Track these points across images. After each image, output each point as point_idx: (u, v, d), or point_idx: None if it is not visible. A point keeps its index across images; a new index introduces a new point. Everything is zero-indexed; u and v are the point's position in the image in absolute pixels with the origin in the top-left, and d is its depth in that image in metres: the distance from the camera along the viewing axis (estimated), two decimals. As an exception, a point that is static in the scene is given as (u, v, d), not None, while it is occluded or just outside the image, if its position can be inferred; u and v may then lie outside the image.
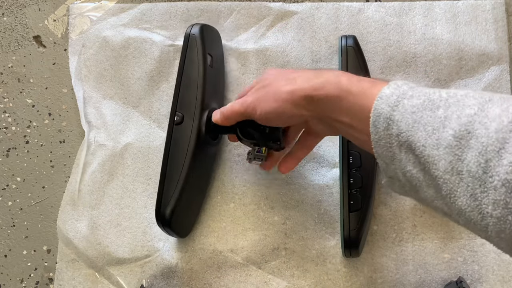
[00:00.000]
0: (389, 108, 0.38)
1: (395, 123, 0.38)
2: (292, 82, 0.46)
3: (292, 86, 0.46)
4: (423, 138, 0.36)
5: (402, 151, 0.38)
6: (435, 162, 0.35)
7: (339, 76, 0.44)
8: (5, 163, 0.65)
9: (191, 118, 0.56)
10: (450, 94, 0.37)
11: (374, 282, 0.60)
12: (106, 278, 0.61)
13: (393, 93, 0.39)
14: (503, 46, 0.64)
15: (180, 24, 0.66)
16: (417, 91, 0.38)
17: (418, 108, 0.37)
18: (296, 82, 0.46)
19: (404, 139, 0.37)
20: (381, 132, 0.39)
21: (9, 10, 0.68)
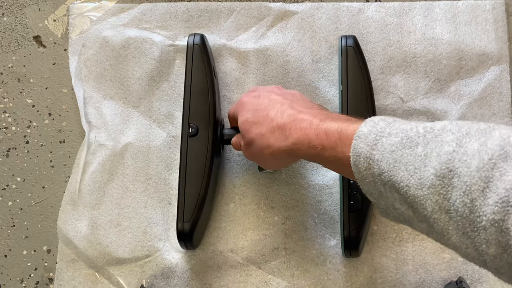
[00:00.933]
0: (368, 147, 0.38)
1: (375, 163, 0.38)
2: (268, 143, 0.48)
3: (270, 149, 0.48)
4: (406, 178, 0.36)
5: (387, 189, 0.38)
6: (422, 202, 0.35)
7: (308, 134, 0.44)
8: (5, 163, 0.65)
9: (206, 129, 0.56)
10: (427, 129, 0.37)
11: (374, 282, 0.60)
12: (106, 278, 0.61)
13: (371, 131, 0.39)
14: (503, 46, 0.64)
15: (180, 24, 0.66)
16: (395, 128, 0.38)
17: (397, 146, 0.37)
18: (270, 142, 0.48)
19: (386, 179, 0.37)
20: (363, 171, 0.39)
21: (9, 10, 0.68)
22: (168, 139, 0.64)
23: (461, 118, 0.63)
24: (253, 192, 0.62)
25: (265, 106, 0.50)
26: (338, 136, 0.42)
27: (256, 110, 0.50)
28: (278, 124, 0.47)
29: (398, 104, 0.64)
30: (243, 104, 0.53)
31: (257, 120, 0.50)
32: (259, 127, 0.49)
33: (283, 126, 0.47)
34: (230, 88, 0.65)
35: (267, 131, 0.48)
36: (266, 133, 0.48)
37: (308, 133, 0.44)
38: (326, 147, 0.43)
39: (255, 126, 0.50)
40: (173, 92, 0.65)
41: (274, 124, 0.48)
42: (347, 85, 0.57)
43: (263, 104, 0.50)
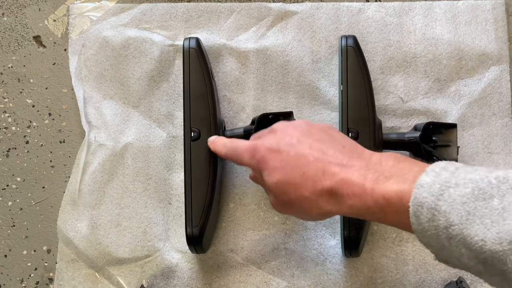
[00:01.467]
0: (433, 197, 0.35)
1: (442, 214, 0.35)
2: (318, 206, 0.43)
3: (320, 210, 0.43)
4: (481, 232, 0.33)
5: (454, 243, 0.35)
6: (501, 258, 0.32)
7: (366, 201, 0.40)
8: (5, 163, 0.65)
9: (208, 133, 0.56)
10: (500, 179, 0.34)
11: (374, 282, 0.60)
12: (106, 278, 0.61)
13: (434, 181, 0.36)
14: (503, 46, 0.64)
15: (180, 24, 0.66)
16: (461, 177, 0.36)
17: (469, 198, 0.34)
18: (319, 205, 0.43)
19: (455, 232, 0.34)
20: (425, 223, 0.36)
21: (9, 10, 0.68)
22: (168, 139, 0.64)
23: (461, 118, 0.63)
24: (253, 192, 0.62)
25: (296, 162, 0.44)
26: (399, 201, 0.38)
27: (286, 167, 0.44)
28: (324, 188, 0.42)
29: (398, 104, 0.64)
30: (265, 160, 0.46)
31: (293, 180, 0.43)
32: (299, 189, 0.43)
33: (331, 190, 0.42)
34: (230, 88, 0.65)
35: (312, 194, 0.43)
36: (311, 196, 0.43)
37: (365, 199, 0.40)
38: (388, 212, 0.39)
39: (293, 187, 0.43)
40: (173, 92, 0.65)
41: (319, 188, 0.42)
42: (347, 85, 0.57)
43: (291, 159, 0.44)
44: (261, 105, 0.64)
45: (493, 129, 0.62)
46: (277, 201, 0.46)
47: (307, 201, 0.43)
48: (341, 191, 0.41)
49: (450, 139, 0.57)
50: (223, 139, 0.54)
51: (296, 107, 0.64)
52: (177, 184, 0.63)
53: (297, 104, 0.64)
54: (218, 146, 0.54)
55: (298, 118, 0.63)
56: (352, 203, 0.40)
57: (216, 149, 0.54)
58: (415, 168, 0.38)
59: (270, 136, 0.47)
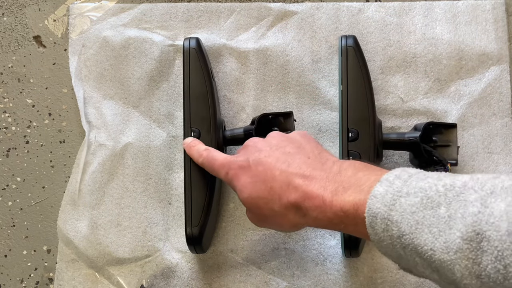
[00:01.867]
0: (385, 207, 0.36)
1: (394, 224, 0.35)
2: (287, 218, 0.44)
3: (289, 222, 0.44)
4: (430, 241, 0.33)
5: (408, 253, 0.35)
6: (449, 267, 0.33)
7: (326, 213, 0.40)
8: (5, 163, 0.65)
9: (208, 133, 0.56)
10: (447, 187, 0.34)
11: (374, 282, 0.60)
12: (106, 278, 0.61)
13: (387, 191, 0.36)
14: (503, 46, 0.64)
15: (181, 24, 0.66)
16: (412, 186, 0.36)
17: (418, 207, 0.34)
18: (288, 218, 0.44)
19: (407, 242, 0.35)
20: (380, 233, 0.36)
21: (9, 10, 0.68)
22: (168, 139, 0.64)
23: (461, 118, 0.62)
24: (253, 192, 0.62)
25: (264, 177, 0.44)
26: (355, 212, 0.38)
27: (255, 182, 0.45)
28: (290, 202, 0.42)
29: (398, 104, 0.64)
30: (237, 177, 0.46)
31: (262, 195, 0.44)
32: (269, 204, 0.44)
33: (295, 204, 0.42)
34: (230, 88, 0.65)
35: (281, 208, 0.43)
36: (280, 210, 0.43)
37: (325, 212, 0.40)
38: (347, 224, 0.40)
39: (263, 202, 0.44)
40: (173, 92, 0.65)
41: (285, 201, 0.43)
42: (347, 85, 0.57)
43: (259, 174, 0.44)
44: (261, 105, 0.64)
45: (493, 129, 0.62)
46: (252, 216, 0.48)
47: (278, 215, 0.44)
48: (304, 204, 0.41)
49: (450, 139, 0.57)
50: (200, 146, 0.53)
51: (296, 107, 0.64)
52: (177, 184, 0.63)
53: (297, 104, 0.64)
54: (193, 153, 0.54)
55: (298, 118, 0.63)
56: (315, 215, 0.41)
57: (191, 155, 0.54)
58: (372, 177, 0.39)
59: (242, 152, 0.48)
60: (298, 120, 0.63)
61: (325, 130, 0.63)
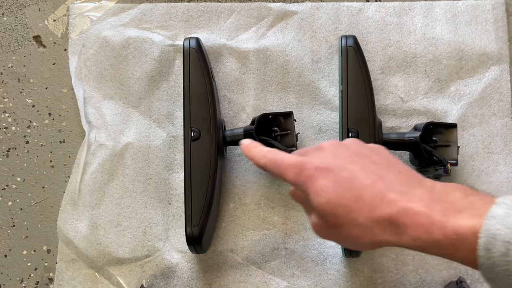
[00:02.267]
0: (507, 229, 0.33)
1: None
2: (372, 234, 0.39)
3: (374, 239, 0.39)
4: None
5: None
6: None
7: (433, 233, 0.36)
8: (5, 163, 0.65)
9: (208, 133, 0.56)
10: None
11: (374, 282, 0.60)
12: (106, 278, 0.61)
13: (508, 213, 0.33)
14: (503, 46, 0.64)
15: (180, 24, 0.66)
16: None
17: None
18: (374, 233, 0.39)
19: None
20: (496, 257, 0.33)
21: (9, 10, 0.68)
22: (168, 139, 0.64)
23: (461, 118, 0.62)
24: (253, 192, 0.62)
25: (350, 184, 0.40)
26: (473, 236, 0.35)
27: (338, 187, 0.40)
28: (383, 215, 0.38)
29: (398, 104, 0.64)
30: (314, 178, 0.41)
31: (346, 203, 0.39)
32: (351, 213, 0.39)
33: (390, 219, 0.38)
34: (230, 88, 0.65)
35: (368, 221, 0.39)
36: (365, 222, 0.39)
37: (432, 232, 0.36)
38: (460, 248, 0.36)
39: (344, 210, 0.39)
40: (173, 92, 0.65)
41: (376, 214, 0.38)
42: (347, 85, 0.57)
43: (344, 180, 0.40)
44: (261, 105, 0.64)
45: (493, 129, 0.62)
46: (322, 224, 0.42)
47: (359, 227, 0.39)
48: (403, 221, 0.37)
49: (450, 139, 0.57)
50: (262, 148, 0.48)
51: (296, 107, 0.64)
52: (177, 184, 0.63)
53: (297, 104, 0.64)
54: (255, 155, 0.48)
55: (298, 118, 0.63)
56: (416, 234, 0.37)
57: (252, 157, 0.48)
58: (487, 200, 0.36)
59: (319, 153, 0.44)
60: (298, 120, 0.63)
61: (325, 130, 0.63)
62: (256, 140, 0.56)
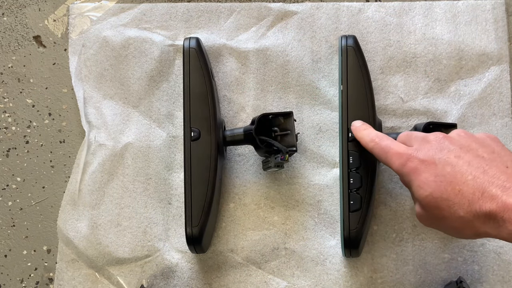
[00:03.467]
0: None
1: None
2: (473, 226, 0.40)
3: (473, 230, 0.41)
4: None
5: None
6: None
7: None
8: (5, 163, 0.65)
9: (208, 133, 0.56)
10: None
11: (374, 282, 0.60)
12: (106, 278, 0.61)
13: None
14: (503, 46, 0.64)
15: (181, 24, 0.66)
16: None
17: None
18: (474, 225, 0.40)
19: None
20: None
21: (9, 10, 0.68)
22: (168, 139, 0.64)
23: (461, 118, 0.63)
24: (253, 192, 0.62)
25: (451, 178, 0.41)
26: None
27: (440, 182, 0.42)
28: (482, 210, 0.39)
29: (398, 104, 0.64)
30: (417, 171, 0.44)
31: (447, 197, 0.41)
32: (452, 207, 0.41)
33: (489, 213, 0.39)
34: (230, 88, 0.65)
35: (467, 214, 0.40)
36: (465, 215, 0.40)
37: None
38: None
39: (446, 203, 0.41)
40: (173, 92, 0.65)
41: (476, 209, 0.39)
42: (347, 85, 0.57)
43: (446, 174, 0.42)
44: (261, 105, 0.64)
45: (493, 129, 0.62)
46: (426, 215, 0.44)
47: (460, 220, 0.41)
48: (502, 216, 0.38)
49: None
50: (371, 131, 0.51)
51: (296, 107, 0.64)
52: (177, 184, 0.63)
53: (297, 104, 0.64)
54: (364, 137, 0.52)
55: (298, 118, 0.63)
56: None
57: (361, 138, 0.52)
58: None
59: (425, 146, 0.45)
60: (298, 120, 0.63)
61: (325, 130, 0.63)
62: (256, 140, 0.56)
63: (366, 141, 0.51)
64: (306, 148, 0.63)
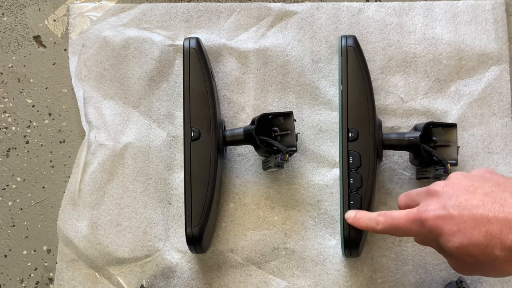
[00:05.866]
0: None
1: None
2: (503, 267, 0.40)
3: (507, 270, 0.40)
4: None
5: None
6: None
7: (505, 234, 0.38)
8: (5, 163, 0.65)
9: (208, 133, 0.56)
10: None
11: (374, 282, 0.60)
12: (106, 278, 0.61)
13: None
14: (503, 46, 0.64)
15: (180, 24, 0.66)
16: None
17: None
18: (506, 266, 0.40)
19: None
20: None
21: (9, 10, 0.68)
22: (168, 139, 0.64)
23: (461, 118, 0.62)
24: (253, 192, 0.62)
25: (474, 223, 0.40)
26: None
27: (465, 229, 0.41)
28: None
29: (398, 104, 0.64)
30: (438, 227, 0.43)
31: (477, 241, 0.40)
32: (486, 250, 0.40)
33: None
34: (230, 88, 0.65)
35: (504, 252, 0.39)
36: (502, 254, 0.40)
37: None
38: None
39: (478, 248, 0.40)
40: (173, 92, 0.65)
41: (509, 243, 0.39)
42: (347, 85, 0.57)
43: (467, 220, 0.41)
44: (261, 105, 0.64)
45: (493, 129, 0.62)
46: (463, 266, 0.43)
47: (499, 260, 0.40)
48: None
49: (450, 139, 0.57)
50: (370, 215, 0.50)
51: (296, 107, 0.64)
52: (177, 184, 0.63)
53: (297, 104, 0.64)
54: (368, 225, 0.50)
55: (298, 118, 0.63)
56: None
57: (366, 227, 0.50)
58: None
59: (432, 200, 0.44)
60: (298, 120, 0.63)
61: (325, 130, 0.63)
62: (256, 140, 0.56)
63: (373, 227, 0.49)
64: (306, 148, 0.63)
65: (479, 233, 0.40)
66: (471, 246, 0.40)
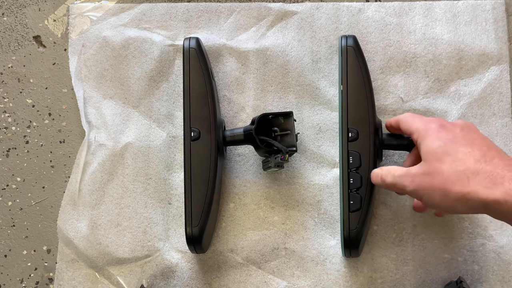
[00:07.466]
0: None
1: None
2: (464, 181, 0.43)
3: (464, 188, 0.42)
4: None
5: None
6: None
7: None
8: (5, 163, 0.65)
9: (208, 133, 0.56)
10: None
11: (374, 282, 0.60)
12: (106, 278, 0.61)
13: None
14: (503, 46, 0.64)
15: (180, 24, 0.66)
16: None
17: None
18: (469, 182, 0.42)
19: None
20: None
21: (9, 10, 0.68)
22: (168, 139, 0.64)
23: (461, 118, 0.62)
24: (253, 192, 0.62)
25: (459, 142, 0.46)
26: None
27: (450, 142, 0.46)
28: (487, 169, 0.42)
29: (398, 104, 0.64)
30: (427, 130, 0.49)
31: (454, 154, 0.45)
32: (455, 162, 0.44)
33: (492, 172, 0.42)
34: (230, 88, 0.65)
35: (467, 171, 0.43)
36: (465, 172, 0.43)
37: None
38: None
39: (450, 158, 0.44)
40: (173, 92, 0.65)
41: (480, 167, 0.43)
42: (347, 85, 0.57)
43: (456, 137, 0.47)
44: (261, 105, 0.64)
45: (493, 129, 0.62)
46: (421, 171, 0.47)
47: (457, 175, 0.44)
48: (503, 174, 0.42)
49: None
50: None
51: (296, 107, 0.64)
52: (177, 184, 0.63)
53: (297, 104, 0.64)
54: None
55: (298, 118, 0.63)
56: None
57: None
58: None
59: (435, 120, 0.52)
60: (298, 120, 0.63)
61: (325, 130, 0.63)
62: (256, 140, 0.56)
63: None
64: (306, 148, 0.63)
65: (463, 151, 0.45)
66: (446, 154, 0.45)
